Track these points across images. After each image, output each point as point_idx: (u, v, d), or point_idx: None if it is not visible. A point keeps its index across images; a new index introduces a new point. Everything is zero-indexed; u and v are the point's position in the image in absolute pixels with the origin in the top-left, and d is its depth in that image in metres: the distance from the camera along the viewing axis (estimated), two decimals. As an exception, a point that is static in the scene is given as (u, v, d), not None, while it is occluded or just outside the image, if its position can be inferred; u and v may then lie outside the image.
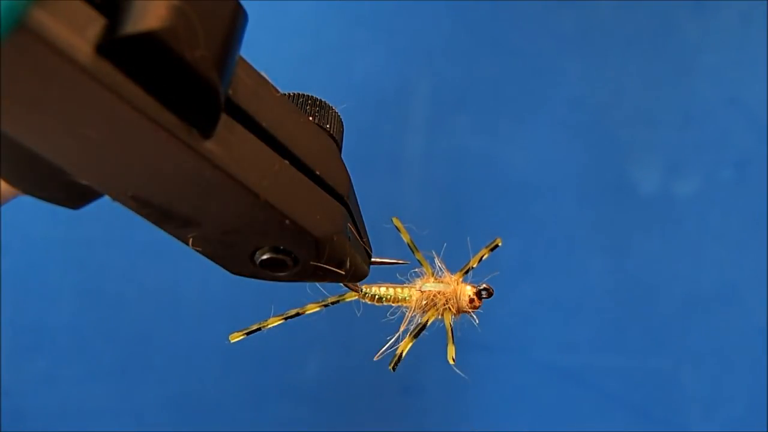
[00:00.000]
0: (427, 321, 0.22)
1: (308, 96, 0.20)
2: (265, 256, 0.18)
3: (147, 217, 0.17)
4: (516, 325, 0.49)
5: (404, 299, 0.22)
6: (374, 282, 0.22)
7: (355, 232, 0.20)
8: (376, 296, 0.22)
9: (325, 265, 0.19)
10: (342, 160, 0.20)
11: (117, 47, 0.14)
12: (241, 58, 0.17)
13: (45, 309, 0.46)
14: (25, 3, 0.12)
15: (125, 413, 0.46)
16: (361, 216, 0.21)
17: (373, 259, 0.21)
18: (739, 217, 0.53)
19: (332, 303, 0.23)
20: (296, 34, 0.51)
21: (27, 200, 0.18)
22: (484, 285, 0.22)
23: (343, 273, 0.19)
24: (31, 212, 0.46)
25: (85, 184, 0.16)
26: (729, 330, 0.52)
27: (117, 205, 0.17)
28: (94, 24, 0.14)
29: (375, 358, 0.23)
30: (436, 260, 0.22)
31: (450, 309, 0.22)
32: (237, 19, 0.16)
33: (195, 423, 0.46)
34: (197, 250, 0.18)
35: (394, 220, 0.22)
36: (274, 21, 0.51)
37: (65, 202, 0.17)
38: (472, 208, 0.50)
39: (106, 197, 0.17)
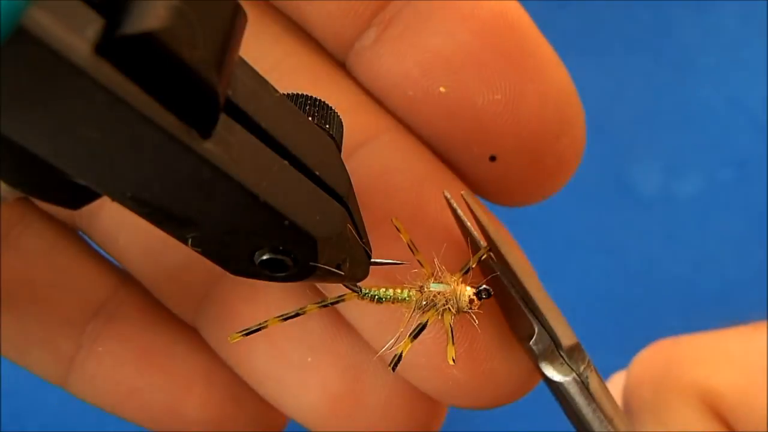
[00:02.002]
0: (427, 322, 0.22)
1: (308, 96, 0.20)
2: (264, 257, 0.18)
3: (146, 217, 0.17)
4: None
5: (404, 300, 0.22)
6: (373, 283, 0.22)
7: (354, 233, 0.20)
8: (376, 297, 0.22)
9: (324, 266, 0.19)
10: (342, 161, 0.20)
11: (116, 48, 0.14)
12: (241, 58, 0.17)
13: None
14: (23, 3, 0.12)
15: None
16: (361, 216, 0.21)
17: (372, 260, 0.21)
18: (739, 217, 0.53)
19: (332, 303, 0.23)
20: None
21: (26, 201, 0.18)
22: (484, 285, 0.22)
23: (343, 274, 0.19)
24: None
25: (84, 184, 0.16)
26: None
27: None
28: (93, 24, 0.14)
29: (374, 359, 0.23)
30: (436, 261, 0.22)
31: (450, 309, 0.22)
32: (237, 19, 0.16)
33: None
34: (196, 251, 0.18)
35: (394, 220, 0.22)
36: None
37: (65, 203, 0.17)
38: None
39: (106, 197, 0.17)
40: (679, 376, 0.29)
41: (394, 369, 0.21)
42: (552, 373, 0.23)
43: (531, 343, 0.23)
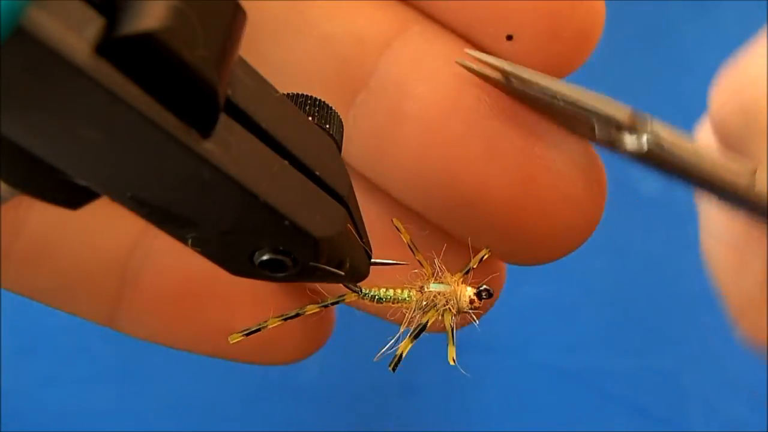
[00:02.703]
0: (427, 322, 0.22)
1: (308, 96, 0.20)
2: (264, 257, 0.18)
3: (146, 217, 0.17)
4: (516, 325, 0.49)
5: (404, 300, 0.22)
6: (374, 283, 0.22)
7: (354, 233, 0.20)
8: (376, 297, 0.22)
9: (324, 266, 0.19)
10: (342, 161, 0.20)
11: (116, 47, 0.14)
12: (241, 58, 0.17)
13: (45, 309, 0.46)
14: (23, 3, 0.12)
15: (125, 413, 0.46)
16: (361, 216, 0.21)
17: (372, 260, 0.21)
18: (739, 216, 0.52)
19: (332, 304, 0.23)
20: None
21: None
22: (485, 285, 0.22)
23: (343, 274, 0.19)
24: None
25: (84, 184, 0.16)
26: (730, 330, 0.52)
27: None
28: (93, 24, 0.14)
29: (375, 359, 0.23)
30: (436, 261, 0.22)
31: (450, 310, 0.22)
32: (236, 19, 0.16)
33: (195, 423, 0.46)
34: (196, 251, 0.18)
35: (394, 220, 0.22)
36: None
37: (63, 203, 0.17)
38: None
39: (105, 197, 0.17)
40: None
41: (394, 370, 0.21)
42: (631, 145, 0.22)
43: (596, 135, 0.22)
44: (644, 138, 0.22)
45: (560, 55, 0.24)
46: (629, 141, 0.22)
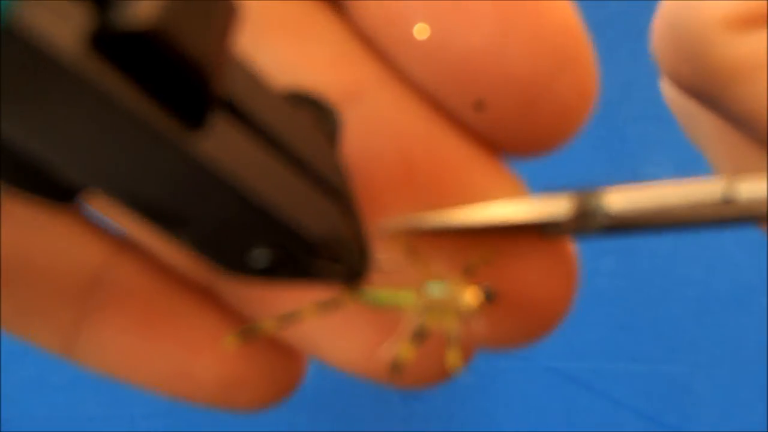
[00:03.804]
0: (428, 324, 0.22)
1: (307, 94, 0.20)
2: (259, 256, 0.18)
3: (137, 214, 0.17)
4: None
5: (404, 302, 0.22)
6: (372, 284, 0.22)
7: (353, 233, 0.19)
8: (375, 299, 0.22)
9: (322, 267, 0.18)
10: (340, 159, 0.20)
11: (108, 44, 0.13)
12: (237, 55, 0.17)
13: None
14: (12, 2, 0.12)
15: (118, 418, 0.46)
16: (361, 216, 0.20)
17: (371, 260, 0.21)
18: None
19: (330, 303, 0.22)
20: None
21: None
22: (486, 286, 0.22)
23: (341, 275, 0.19)
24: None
25: (74, 179, 0.16)
26: (742, 334, 0.51)
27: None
28: (84, 20, 0.13)
29: (374, 362, 0.23)
30: (436, 261, 0.22)
31: (450, 312, 0.21)
32: (231, 15, 0.16)
33: (190, 425, 0.46)
34: (190, 249, 0.18)
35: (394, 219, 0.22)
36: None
37: (53, 197, 0.17)
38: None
39: (99, 196, 0.17)
40: (697, 18, 0.23)
41: (394, 375, 0.21)
42: (586, 229, 0.20)
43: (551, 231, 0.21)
44: (593, 221, 0.20)
45: (537, 131, 0.21)
46: (582, 227, 0.21)
